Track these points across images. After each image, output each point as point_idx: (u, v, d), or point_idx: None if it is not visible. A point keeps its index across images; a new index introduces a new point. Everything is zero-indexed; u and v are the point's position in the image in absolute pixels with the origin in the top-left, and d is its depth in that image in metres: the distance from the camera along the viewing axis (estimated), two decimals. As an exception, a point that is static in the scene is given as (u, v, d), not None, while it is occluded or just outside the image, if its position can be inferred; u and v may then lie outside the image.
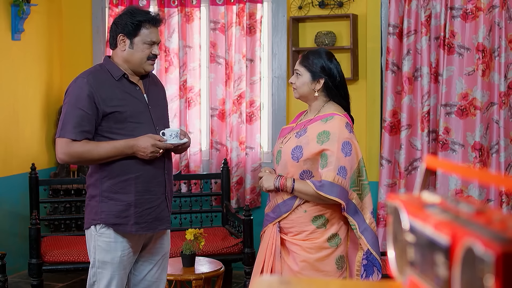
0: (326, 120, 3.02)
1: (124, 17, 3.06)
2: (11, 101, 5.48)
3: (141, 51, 3.05)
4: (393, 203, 0.99)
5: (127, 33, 3.04)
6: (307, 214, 3.01)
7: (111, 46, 3.13)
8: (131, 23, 3.03)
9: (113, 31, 3.09)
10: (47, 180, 5.33)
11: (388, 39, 5.04)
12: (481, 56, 4.78)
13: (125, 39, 3.05)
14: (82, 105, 2.96)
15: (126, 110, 3.02)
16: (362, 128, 5.27)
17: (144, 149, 2.96)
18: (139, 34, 3.03)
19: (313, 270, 3.00)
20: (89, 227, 3.08)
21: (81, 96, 2.97)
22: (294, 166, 3.01)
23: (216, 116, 5.62)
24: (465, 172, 0.97)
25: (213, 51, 5.60)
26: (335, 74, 3.07)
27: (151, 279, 3.23)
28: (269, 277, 1.15)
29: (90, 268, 3.11)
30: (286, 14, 5.48)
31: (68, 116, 2.97)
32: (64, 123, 2.97)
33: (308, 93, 3.09)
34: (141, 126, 3.04)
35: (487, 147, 4.85)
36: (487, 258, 0.75)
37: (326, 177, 2.92)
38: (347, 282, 2.18)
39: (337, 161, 2.93)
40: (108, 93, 3.00)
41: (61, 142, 2.98)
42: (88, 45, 5.99)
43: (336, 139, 2.96)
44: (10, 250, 5.10)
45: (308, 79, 3.06)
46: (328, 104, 3.10)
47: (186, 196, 5.50)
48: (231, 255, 4.89)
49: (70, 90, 3.03)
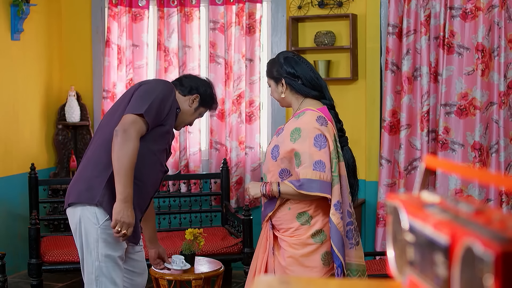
0: (298, 117, 3.06)
1: (208, 89, 3.31)
2: (11, 101, 5.48)
3: (193, 117, 3.32)
4: (393, 203, 0.99)
5: (203, 102, 3.29)
6: (291, 211, 3.05)
7: (181, 90, 3.26)
8: (209, 100, 3.31)
9: (193, 85, 3.27)
10: (46, 180, 5.33)
11: (387, 39, 5.04)
12: (481, 56, 4.78)
13: (196, 101, 3.27)
14: (166, 104, 3.06)
15: (168, 129, 3.15)
16: (362, 128, 5.28)
17: (128, 219, 2.91)
18: (204, 108, 3.32)
19: (299, 266, 3.03)
20: (82, 202, 2.98)
21: (169, 97, 3.10)
22: (273, 165, 3.06)
23: (215, 116, 5.62)
24: (464, 172, 0.97)
25: (213, 51, 5.61)
26: (291, 71, 3.10)
27: (139, 271, 3.30)
28: (268, 277, 1.15)
29: (91, 262, 3.01)
30: (285, 14, 5.48)
31: (156, 103, 3.01)
32: (151, 106, 2.98)
33: (281, 99, 3.16)
34: (163, 152, 3.17)
35: (486, 146, 4.85)
36: (486, 258, 0.75)
37: (304, 175, 2.95)
38: (345, 281, 2.18)
39: (311, 157, 2.95)
40: (172, 110, 3.14)
41: (137, 124, 2.94)
42: (87, 45, 5.99)
43: (307, 135, 2.97)
44: (9, 250, 5.10)
45: (274, 86, 3.15)
46: (304, 101, 3.13)
47: (185, 196, 5.50)
48: (230, 255, 4.89)
49: (163, 86, 3.13)
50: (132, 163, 2.89)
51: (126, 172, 2.88)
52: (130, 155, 2.88)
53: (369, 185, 5.22)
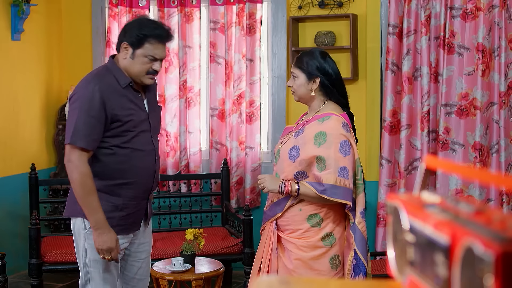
0: (322, 120, 3.02)
1: (132, 26, 2.99)
2: (11, 101, 5.48)
3: (141, 64, 2.97)
4: (393, 203, 0.99)
5: (130, 43, 2.96)
6: (302, 212, 3.02)
7: (117, 49, 3.08)
8: (136, 35, 2.94)
9: (120, 36, 3.03)
10: (47, 180, 5.33)
11: (388, 39, 5.04)
12: (481, 56, 4.78)
13: (128, 47, 2.97)
14: (95, 113, 2.90)
15: (130, 119, 2.98)
16: (362, 128, 5.27)
17: (105, 245, 2.94)
18: (142, 47, 2.95)
19: (307, 269, 3.01)
20: (72, 216, 3.05)
21: (94, 104, 2.89)
22: (290, 165, 3.02)
23: (216, 116, 5.62)
24: (465, 172, 0.97)
25: (213, 51, 5.61)
26: (330, 72, 3.07)
27: (140, 277, 3.26)
28: (269, 277, 1.15)
29: (82, 267, 3.08)
30: (286, 14, 5.48)
31: (80, 123, 2.89)
32: (76, 130, 2.89)
33: (305, 94, 3.09)
34: (140, 134, 3.02)
35: (487, 147, 4.85)
36: (486, 258, 0.75)
37: (327, 180, 2.92)
38: (346, 282, 2.18)
39: (336, 163, 2.94)
40: (117, 102, 2.95)
41: (75, 152, 2.90)
42: (87, 45, 5.99)
43: (333, 141, 2.96)
44: (10, 250, 5.10)
45: (304, 80, 3.07)
46: (327, 103, 3.10)
47: (186, 196, 5.50)
48: (231, 255, 4.89)
49: (81, 95, 2.93)
50: (86, 189, 2.90)
51: (85, 200, 2.93)
52: (80, 183, 2.91)
53: (370, 185, 5.21)
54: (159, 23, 3.04)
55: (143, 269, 3.26)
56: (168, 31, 3.01)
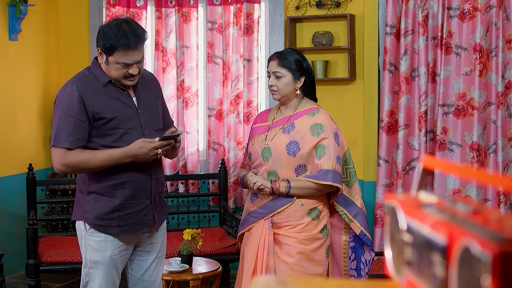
0: (313, 114, 3.15)
1: (99, 34, 2.95)
2: (8, 101, 5.47)
3: (115, 70, 2.93)
4: (391, 203, 0.99)
5: (102, 50, 2.94)
6: (304, 207, 3.13)
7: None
8: (103, 44, 2.90)
9: (96, 40, 3.01)
10: (44, 180, 5.32)
11: (385, 39, 5.04)
12: (479, 56, 4.78)
13: (102, 53, 2.95)
14: (75, 112, 2.91)
15: (114, 116, 2.96)
16: (360, 128, 5.28)
17: (144, 154, 2.94)
18: (113, 55, 2.90)
19: (308, 261, 3.12)
20: (76, 220, 3.10)
21: (73, 103, 2.91)
22: (289, 160, 3.11)
23: (213, 116, 5.62)
24: (462, 172, 0.98)
25: (211, 51, 5.60)
26: (311, 71, 3.22)
27: (148, 279, 3.21)
28: (266, 277, 1.15)
29: (82, 268, 3.10)
30: (283, 14, 5.48)
31: (61, 125, 2.92)
32: (58, 132, 2.92)
33: (291, 93, 3.19)
34: (129, 131, 3.00)
35: (484, 147, 4.85)
36: (484, 258, 0.75)
37: (327, 166, 3.06)
38: (344, 281, 2.19)
39: (334, 151, 3.09)
40: (97, 100, 2.95)
41: (57, 152, 2.94)
42: (85, 45, 5.98)
43: (329, 131, 3.11)
44: (7, 250, 5.10)
45: (291, 79, 3.16)
46: (304, 100, 3.23)
47: (183, 196, 5.50)
48: (228, 255, 4.89)
49: (61, 97, 2.97)
50: (91, 162, 2.93)
51: (100, 163, 2.94)
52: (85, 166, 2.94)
53: (367, 185, 5.22)
54: (125, 29, 2.90)
55: (151, 270, 3.21)
56: (137, 37, 2.91)
